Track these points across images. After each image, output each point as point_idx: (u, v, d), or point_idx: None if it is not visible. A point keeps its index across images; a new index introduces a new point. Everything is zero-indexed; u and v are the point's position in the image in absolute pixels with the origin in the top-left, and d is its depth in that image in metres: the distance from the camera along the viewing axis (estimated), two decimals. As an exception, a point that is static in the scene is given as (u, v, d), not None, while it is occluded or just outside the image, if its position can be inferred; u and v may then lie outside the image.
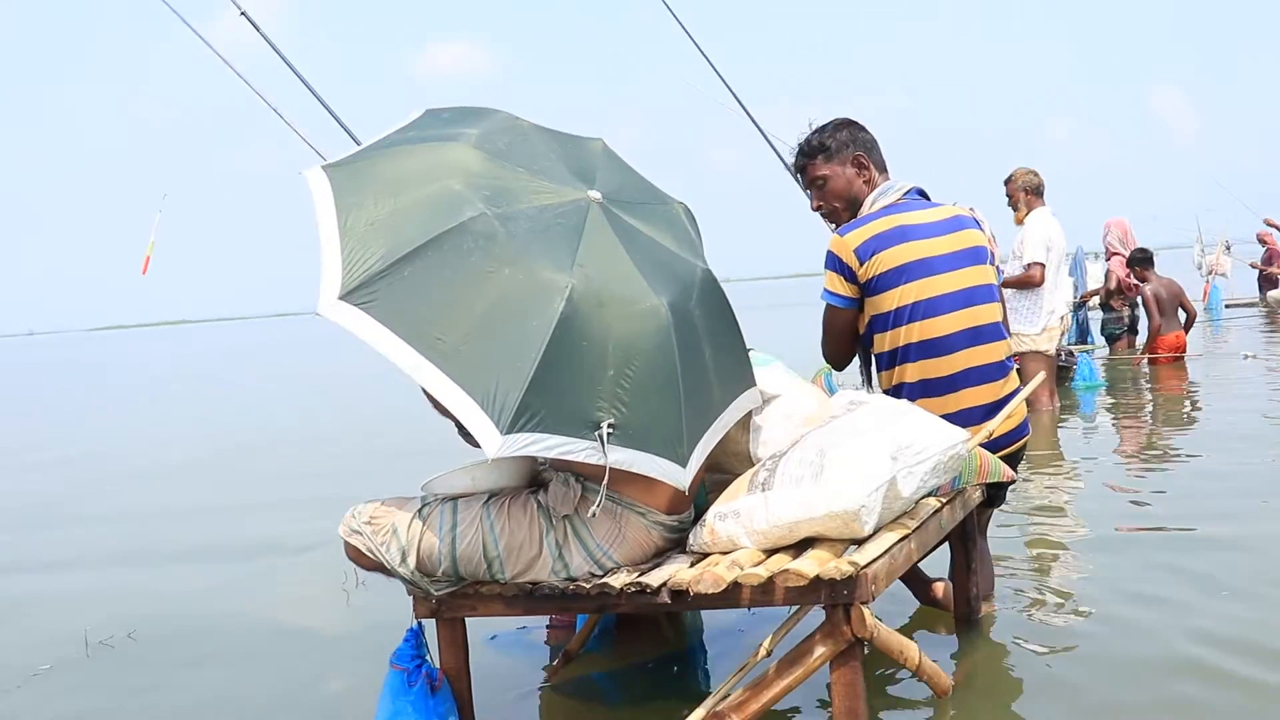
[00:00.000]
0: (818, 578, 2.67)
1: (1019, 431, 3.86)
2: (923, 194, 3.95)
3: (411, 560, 2.91)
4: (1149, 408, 9.35)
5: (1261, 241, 20.41)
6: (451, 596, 3.02)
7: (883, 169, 3.95)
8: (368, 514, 2.97)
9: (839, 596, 2.70)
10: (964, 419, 3.68)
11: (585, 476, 2.93)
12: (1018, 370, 9.02)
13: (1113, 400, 9.80)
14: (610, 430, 2.68)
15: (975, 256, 3.87)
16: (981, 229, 3.97)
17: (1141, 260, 11.85)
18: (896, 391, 3.71)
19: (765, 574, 2.71)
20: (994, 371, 3.82)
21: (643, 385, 2.76)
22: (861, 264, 3.68)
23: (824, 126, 3.95)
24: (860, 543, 2.87)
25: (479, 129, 2.99)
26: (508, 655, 3.93)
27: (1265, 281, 20.62)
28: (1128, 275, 12.10)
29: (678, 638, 3.92)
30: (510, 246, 2.73)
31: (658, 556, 3.02)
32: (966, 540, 3.79)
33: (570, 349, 2.66)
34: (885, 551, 2.85)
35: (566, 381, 2.66)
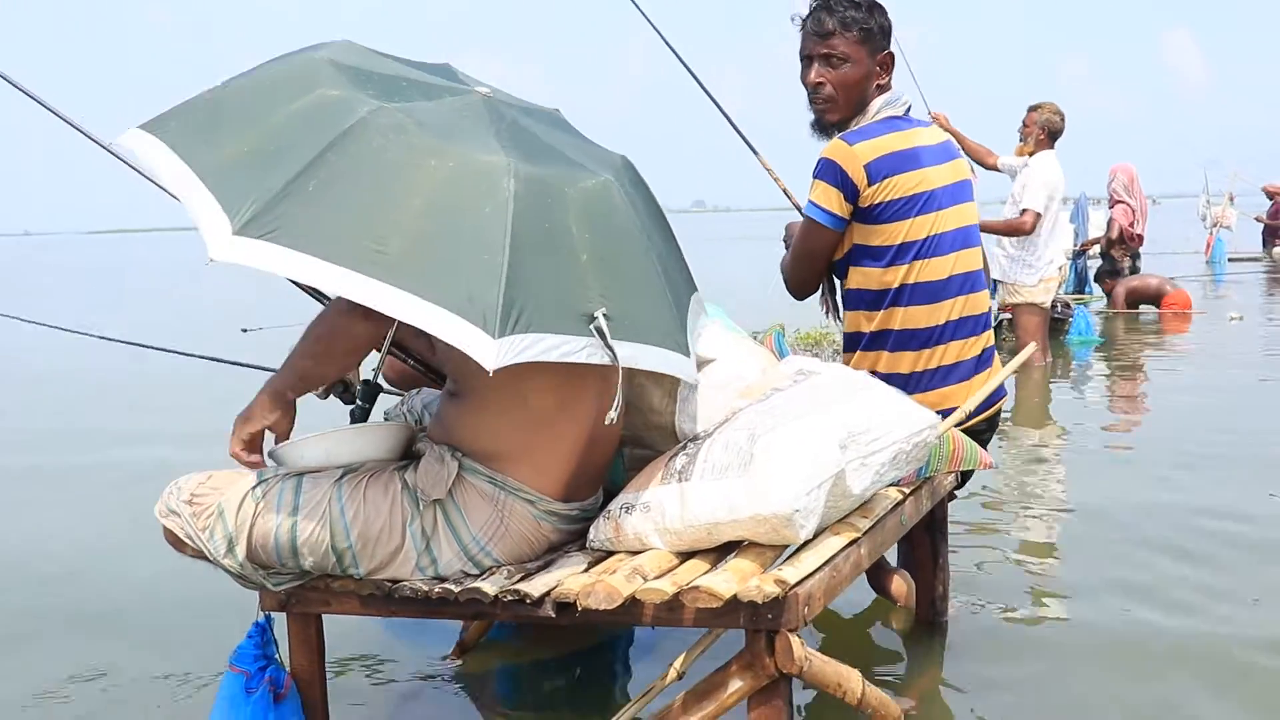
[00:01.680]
0: (735, 598, 2.13)
1: (994, 395, 3.32)
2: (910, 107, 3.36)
3: (241, 550, 2.36)
4: (1144, 367, 8.82)
5: (1269, 195, 19.78)
6: (301, 589, 2.48)
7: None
8: (189, 490, 2.41)
9: (761, 622, 2.16)
10: (950, 375, 3.18)
11: (465, 451, 2.39)
12: (1011, 322, 8.57)
13: (1107, 357, 9.28)
14: (607, 321, 2.17)
15: (968, 191, 3.33)
16: (958, 151, 3.42)
17: (1110, 273, 11.70)
18: (876, 339, 3.16)
19: (670, 590, 2.17)
20: (981, 323, 3.29)
21: (622, 268, 2.31)
22: (871, 184, 3.08)
23: (857, 1, 3.21)
24: (800, 548, 2.34)
25: (324, 51, 2.44)
26: (403, 641, 3.38)
27: (1270, 235, 20.03)
28: (1130, 225, 11.50)
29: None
30: (426, 136, 2.24)
31: (552, 552, 2.48)
32: (934, 533, 3.26)
33: (535, 232, 2.17)
34: (826, 563, 2.31)
35: (544, 270, 2.16)
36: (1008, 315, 8.46)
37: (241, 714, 2.49)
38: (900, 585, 3.33)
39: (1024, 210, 7.82)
